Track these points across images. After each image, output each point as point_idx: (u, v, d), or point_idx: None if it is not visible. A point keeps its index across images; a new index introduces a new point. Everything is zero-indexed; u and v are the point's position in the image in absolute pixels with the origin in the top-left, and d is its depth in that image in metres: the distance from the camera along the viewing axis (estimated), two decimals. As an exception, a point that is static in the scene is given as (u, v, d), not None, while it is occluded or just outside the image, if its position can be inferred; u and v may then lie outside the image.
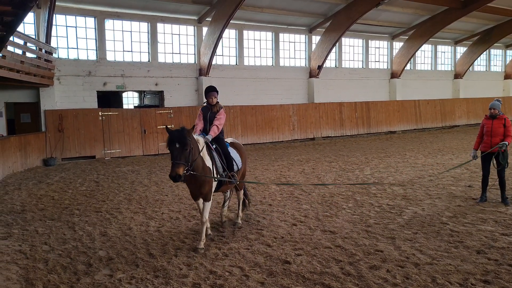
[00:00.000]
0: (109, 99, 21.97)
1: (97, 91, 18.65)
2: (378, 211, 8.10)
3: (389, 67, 28.26)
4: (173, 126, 18.95)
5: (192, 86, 20.99)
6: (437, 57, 31.08)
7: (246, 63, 22.81)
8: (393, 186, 10.40)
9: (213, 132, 6.59)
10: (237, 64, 22.53)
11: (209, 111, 6.81)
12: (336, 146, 20.60)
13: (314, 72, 24.34)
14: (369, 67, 27.51)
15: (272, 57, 23.75)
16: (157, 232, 7.13)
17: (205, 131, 6.82)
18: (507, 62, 35.28)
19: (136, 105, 24.18)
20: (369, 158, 15.72)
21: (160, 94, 20.64)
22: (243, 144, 20.79)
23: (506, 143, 8.12)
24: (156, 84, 20.06)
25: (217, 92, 6.87)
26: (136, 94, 24.68)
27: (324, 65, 24.30)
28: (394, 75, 27.98)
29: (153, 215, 8.25)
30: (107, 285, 5.06)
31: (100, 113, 17.69)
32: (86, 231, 7.34)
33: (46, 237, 7.05)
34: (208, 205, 6.31)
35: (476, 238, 6.35)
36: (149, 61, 19.99)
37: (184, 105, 20.19)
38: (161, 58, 20.36)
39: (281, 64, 23.96)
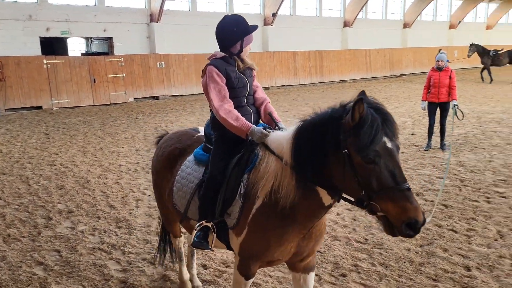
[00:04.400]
0: (53, 46, 20.71)
1: (40, 37, 17.50)
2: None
3: (342, 16, 28.37)
4: (124, 75, 18.40)
5: (143, 33, 20.17)
6: (387, 6, 31.51)
7: (199, 9, 22.06)
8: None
9: (277, 115, 3.27)
10: (190, 10, 21.75)
11: (240, 72, 3.14)
12: (290, 95, 20.92)
13: (268, 20, 24.02)
14: (323, 15, 27.48)
15: (226, 3, 23.09)
16: (116, 184, 7.20)
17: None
18: (452, 12, 36.41)
19: (83, 52, 23.00)
20: (322, 107, 16.10)
21: (109, 41, 19.69)
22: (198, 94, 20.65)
23: (456, 102, 8.61)
24: (105, 30, 19.07)
25: None
26: (82, 41, 23.40)
27: (279, 13, 24.01)
28: (346, 24, 28.19)
29: (110, 168, 8.26)
30: (70, 237, 5.17)
31: (44, 61, 16.73)
32: (42, 185, 7.28)
33: (0, 192, 6.93)
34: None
35: (416, 182, 6.97)
36: (95, 4, 18.83)
37: (135, 53, 19.46)
38: (108, 2, 19.22)
39: (235, 10, 23.37)
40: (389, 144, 2.30)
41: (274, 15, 23.68)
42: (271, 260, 2.89)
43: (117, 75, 18.29)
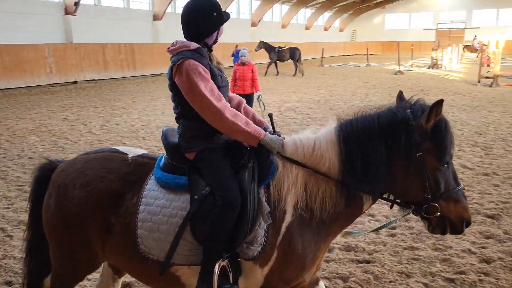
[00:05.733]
0: None
1: None
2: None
3: (151, 9, 28.12)
4: None
5: None
6: (196, 2, 32.63)
7: (-20, -9, 18.84)
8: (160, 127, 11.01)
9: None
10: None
11: (215, 67, 2.73)
12: (101, 89, 19.83)
13: (70, 9, 22.08)
14: (131, 7, 26.75)
15: (16, -13, 20.31)
16: None
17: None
18: (253, 11, 39.98)
19: None
20: (136, 102, 15.89)
21: None
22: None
23: (259, 93, 9.55)
24: None
25: None
26: None
27: (82, 2, 22.31)
28: (156, 17, 28.07)
29: None
30: None
31: None
32: None
33: None
34: None
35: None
36: None
37: None
38: None
39: (30, -4, 20.77)
40: None
41: (76, 4, 21.89)
42: (301, 283, 2.48)
43: None
